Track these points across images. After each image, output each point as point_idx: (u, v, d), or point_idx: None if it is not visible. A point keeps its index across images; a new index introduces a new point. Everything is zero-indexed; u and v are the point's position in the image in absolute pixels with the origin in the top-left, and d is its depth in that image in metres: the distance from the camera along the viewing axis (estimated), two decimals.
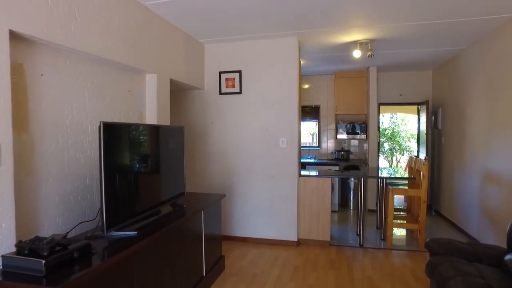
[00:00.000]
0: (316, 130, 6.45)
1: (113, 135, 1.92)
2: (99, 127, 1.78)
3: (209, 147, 4.14)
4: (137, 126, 2.27)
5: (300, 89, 4.38)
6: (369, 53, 3.92)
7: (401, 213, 4.61)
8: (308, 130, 6.56)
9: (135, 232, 1.92)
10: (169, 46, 3.26)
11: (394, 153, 10.57)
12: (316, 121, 6.39)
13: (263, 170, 3.96)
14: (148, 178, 2.33)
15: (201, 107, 4.15)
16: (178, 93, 4.24)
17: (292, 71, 3.83)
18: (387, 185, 3.93)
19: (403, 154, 10.55)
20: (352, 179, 5.78)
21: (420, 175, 3.92)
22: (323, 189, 3.90)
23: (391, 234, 3.70)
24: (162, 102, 3.14)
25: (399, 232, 4.32)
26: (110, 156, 1.86)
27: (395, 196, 3.78)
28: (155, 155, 2.41)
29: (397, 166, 10.56)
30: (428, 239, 2.51)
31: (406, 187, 3.80)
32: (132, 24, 2.66)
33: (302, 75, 6.15)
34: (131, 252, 1.74)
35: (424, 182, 3.55)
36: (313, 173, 4.15)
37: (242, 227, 4.06)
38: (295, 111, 3.85)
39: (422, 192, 3.55)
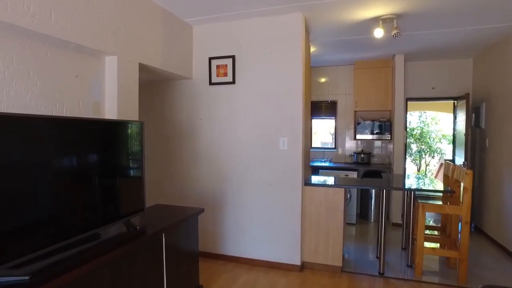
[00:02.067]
0: (333, 129, 5.66)
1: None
2: None
3: (197, 148, 3.49)
4: (30, 119, 1.46)
5: (308, 80, 3.63)
6: (394, 32, 3.12)
7: (433, 232, 3.75)
8: (328, 129, 5.78)
9: (27, 278, 1.28)
10: (139, 23, 2.63)
11: (423, 156, 9.53)
12: (333, 118, 5.60)
13: (259, 176, 3.25)
14: (71, 192, 1.68)
15: (188, 100, 3.50)
16: (161, 84, 3.61)
17: (296, 56, 3.10)
18: (416, 199, 3.10)
19: (433, 157, 9.49)
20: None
21: (460, 186, 3.08)
22: (335, 201, 3.14)
23: (421, 261, 2.89)
24: (127, 91, 2.51)
25: (431, 257, 3.48)
26: None
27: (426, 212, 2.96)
28: (83, 160, 1.76)
29: (426, 170, 9.53)
30: None
31: (440, 202, 2.98)
32: None
33: (316, 66, 5.41)
34: None
35: (467, 197, 2.71)
36: (322, 180, 3.40)
37: (235, 245, 3.38)
38: (299, 105, 3.11)
39: (464, 210, 2.71)
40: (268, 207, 3.23)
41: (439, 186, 3.18)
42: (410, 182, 3.47)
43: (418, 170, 9.52)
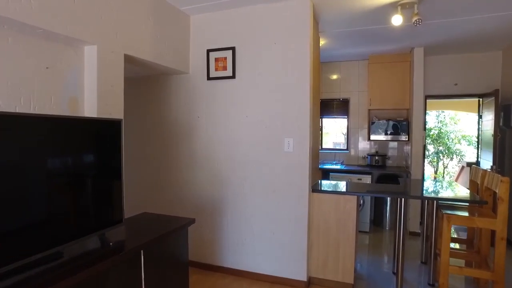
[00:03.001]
0: (345, 129, 5.28)
1: None
2: None
3: (194, 149, 3.18)
4: None
5: (318, 75, 3.29)
6: (414, 18, 2.74)
7: (457, 244, 3.35)
8: (339, 129, 5.41)
9: None
10: (125, 10, 2.34)
11: (441, 158, 9.02)
12: (345, 117, 5.22)
13: (262, 181, 2.93)
14: (26, 202, 1.39)
15: (185, 97, 3.21)
16: (154, 80, 3.33)
17: (303, 47, 2.76)
18: (440, 208, 2.72)
19: (451, 159, 8.97)
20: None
21: (491, 195, 2.68)
22: (346, 210, 2.78)
23: (446, 281, 2.50)
24: (109, 86, 2.22)
25: (457, 275, 3.07)
26: None
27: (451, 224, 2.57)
28: (44, 165, 1.47)
29: (443, 173, 9.02)
30: None
31: (467, 212, 2.59)
32: None
33: (326, 61, 5.04)
34: None
35: (502, 209, 2.31)
36: (332, 186, 3.05)
37: (235, 257, 3.06)
38: (306, 102, 2.77)
39: (499, 224, 2.32)
40: (271, 215, 2.91)
41: (465, 193, 2.79)
42: (432, 189, 3.08)
43: (435, 173, 9.01)
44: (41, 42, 1.87)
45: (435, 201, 2.82)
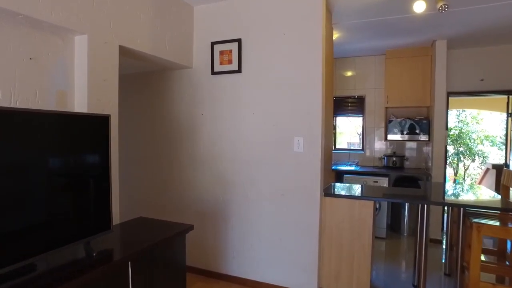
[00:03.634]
0: (360, 129, 5.00)
1: None
2: None
3: (197, 148, 2.99)
4: None
5: (330, 69, 3.04)
6: (440, 4, 2.47)
7: (485, 257, 3.04)
8: (354, 128, 5.13)
9: None
10: None
11: (461, 159, 8.58)
12: (360, 116, 4.94)
13: (269, 184, 2.71)
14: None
15: (188, 93, 3.02)
16: (156, 75, 3.15)
17: (314, 37, 2.52)
18: (467, 216, 2.43)
19: (473, 160, 8.52)
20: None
21: None
22: (362, 217, 2.53)
23: None
24: (101, 80, 2.04)
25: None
26: None
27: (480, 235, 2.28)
28: (22, 165, 1.29)
29: (464, 175, 8.58)
30: None
31: (498, 221, 2.30)
32: None
33: (340, 57, 4.77)
34: None
35: None
36: (346, 189, 2.80)
37: (240, 265, 2.85)
38: (318, 98, 2.53)
39: None
40: (279, 220, 2.68)
41: (494, 199, 2.49)
42: (456, 193, 2.79)
43: (455, 175, 8.59)
44: (24, 30, 1.70)
45: (462, 209, 2.53)
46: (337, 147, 5.20)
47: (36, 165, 1.34)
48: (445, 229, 3.77)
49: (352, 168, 4.48)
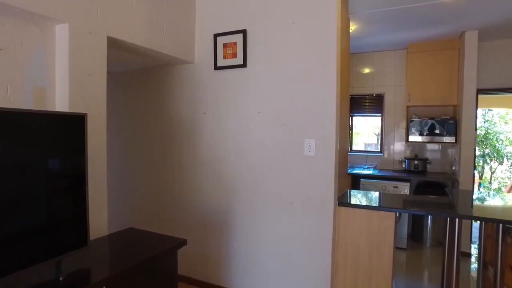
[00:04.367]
0: (378, 129, 4.65)
1: None
2: None
3: (199, 151, 2.75)
4: None
5: (346, 65, 2.73)
6: None
7: None
8: (372, 128, 4.78)
9: None
10: None
11: (488, 162, 8.04)
12: (378, 115, 4.59)
13: (276, 191, 2.43)
14: None
15: (189, 90, 2.78)
16: (152, 71, 2.93)
17: (328, 27, 2.23)
18: (509, 233, 2.09)
19: (501, 163, 7.97)
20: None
21: None
22: (382, 230, 2.22)
23: None
24: (86, 74, 1.82)
25: None
26: None
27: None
28: None
29: (491, 179, 8.05)
30: None
31: None
32: None
33: (357, 52, 4.44)
34: None
35: None
36: (363, 197, 2.49)
37: (245, 279, 2.59)
38: (331, 96, 2.24)
39: None
40: (288, 232, 2.40)
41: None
42: (491, 204, 2.44)
43: (480, 178, 8.05)
44: None
45: (501, 224, 2.18)
46: (353, 148, 4.87)
47: (12, 169, 1.12)
48: (475, 241, 3.40)
49: (370, 172, 4.14)
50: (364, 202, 2.39)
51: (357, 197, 2.53)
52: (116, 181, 3.15)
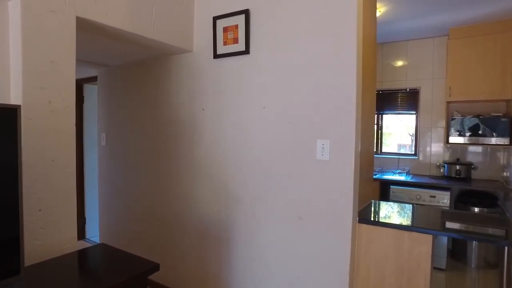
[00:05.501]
0: (412, 129, 4.09)
1: None
2: None
3: (197, 152, 2.40)
4: None
5: (372, 52, 2.25)
6: None
7: None
8: (406, 128, 4.21)
9: None
10: None
11: None
12: (413, 113, 4.03)
13: (283, 202, 2.02)
14: None
15: (186, 83, 2.44)
16: (145, 62, 2.62)
17: (347, 5, 1.79)
18: None
19: None
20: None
21: None
22: (414, 256, 1.75)
23: None
24: (48, 61, 1.52)
25: None
26: None
27: None
28: None
29: None
30: None
31: None
32: None
33: (387, 41, 3.90)
34: None
35: None
36: (391, 212, 2.02)
37: None
38: (351, 89, 1.79)
39: None
40: (296, 252, 1.99)
41: None
42: None
43: None
44: None
45: None
46: (383, 150, 4.33)
47: None
48: None
49: (402, 177, 3.60)
50: (392, 218, 1.93)
51: (383, 211, 2.06)
52: (110, 187, 2.89)
